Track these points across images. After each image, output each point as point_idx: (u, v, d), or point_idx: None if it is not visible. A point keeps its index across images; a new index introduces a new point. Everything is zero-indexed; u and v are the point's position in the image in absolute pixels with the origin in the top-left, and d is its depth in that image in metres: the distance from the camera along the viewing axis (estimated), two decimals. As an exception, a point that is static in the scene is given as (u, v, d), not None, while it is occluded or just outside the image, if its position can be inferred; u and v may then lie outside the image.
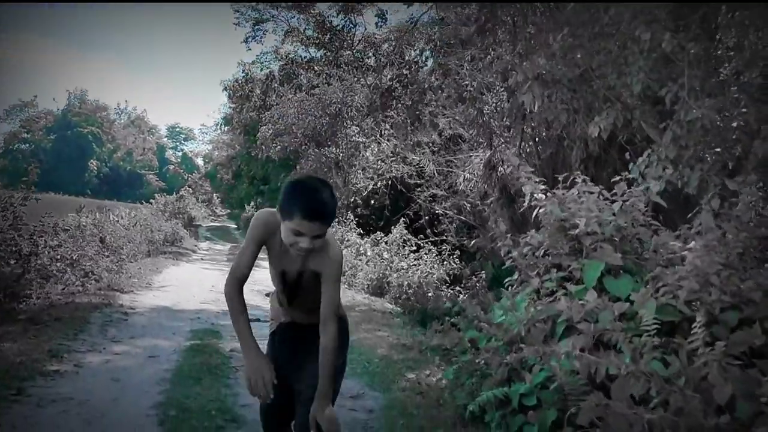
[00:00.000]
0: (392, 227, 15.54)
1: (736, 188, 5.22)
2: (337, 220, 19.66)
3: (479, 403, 4.06)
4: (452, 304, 8.98)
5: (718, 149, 7.94)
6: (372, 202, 19.08)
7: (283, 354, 2.87)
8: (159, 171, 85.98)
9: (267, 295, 2.85)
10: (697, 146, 7.61)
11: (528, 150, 14.41)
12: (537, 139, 14.08)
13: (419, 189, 15.91)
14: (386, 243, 14.63)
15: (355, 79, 21.00)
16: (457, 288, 12.70)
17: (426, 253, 13.59)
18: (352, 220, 17.28)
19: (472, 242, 14.93)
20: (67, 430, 3.96)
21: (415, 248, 14.40)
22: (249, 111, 30.29)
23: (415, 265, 13.17)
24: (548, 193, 5.34)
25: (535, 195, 5.34)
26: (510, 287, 5.65)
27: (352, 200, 20.46)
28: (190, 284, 11.61)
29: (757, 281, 4.30)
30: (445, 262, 13.16)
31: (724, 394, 2.78)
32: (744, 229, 4.72)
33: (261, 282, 12.19)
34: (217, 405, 4.59)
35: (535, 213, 5.33)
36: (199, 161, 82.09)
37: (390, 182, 16.91)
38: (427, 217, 15.89)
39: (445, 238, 15.26)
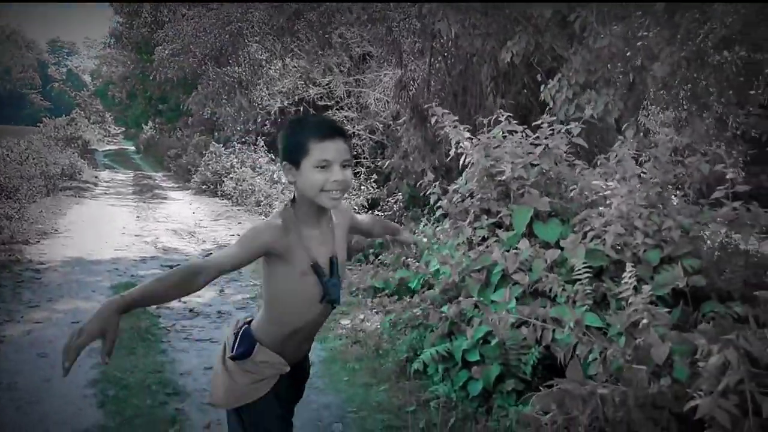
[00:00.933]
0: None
1: (652, 127, 5.41)
2: (246, 142, 19.23)
3: (423, 360, 4.16)
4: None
5: (623, 72, 8.19)
6: (283, 125, 18.71)
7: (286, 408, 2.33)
8: (43, 90, 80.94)
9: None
10: (605, 71, 7.82)
11: (437, 66, 14.38)
12: (446, 54, 14.03)
13: (330, 111, 15.64)
14: (298, 168, 14.44)
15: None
16: (376, 212, 12.77)
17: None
18: (262, 145, 16.91)
19: (386, 163, 14.95)
20: None
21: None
22: (140, 27, 28.68)
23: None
24: (473, 140, 5.35)
25: (461, 143, 5.33)
26: (432, 224, 5.71)
27: (260, 122, 19.97)
28: (100, 226, 11.17)
29: (674, 219, 4.52)
30: (362, 187, 13.14)
31: (661, 354, 2.93)
32: (663, 169, 4.92)
33: (182, 220, 11.94)
34: (157, 378, 4.51)
35: (462, 160, 5.34)
36: (87, 78, 77.80)
37: (300, 105, 16.53)
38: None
39: (359, 160, 15.19)
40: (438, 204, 5.48)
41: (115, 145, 50.24)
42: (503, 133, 5.45)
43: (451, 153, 5.49)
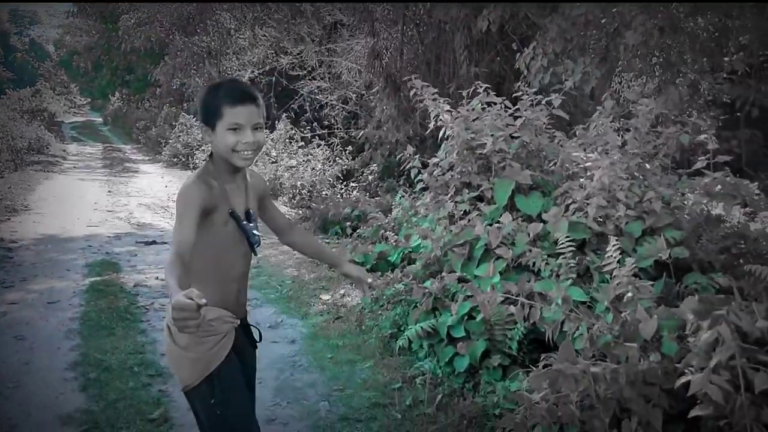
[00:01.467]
0: (276, 123, 15.12)
1: (633, 98, 5.39)
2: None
3: (408, 337, 4.14)
4: (351, 208, 9.03)
5: (597, 40, 8.19)
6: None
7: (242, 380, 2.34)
8: (5, 60, 78.84)
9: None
10: (580, 39, 7.81)
11: (410, 35, 14.25)
12: (419, 23, 13.89)
13: (302, 81, 15.43)
14: (272, 140, 14.26)
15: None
16: (351, 183, 12.70)
17: (316, 148, 13.38)
18: (232, 116, 16.65)
19: (360, 133, 14.84)
20: (-18, 409, 3.74)
21: (302, 144, 14.14)
22: (105, -4, 27.91)
23: (306, 161, 12.98)
24: (453, 113, 5.29)
25: (441, 116, 5.28)
26: (410, 196, 5.67)
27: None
28: (70, 202, 10.97)
29: (656, 191, 4.53)
30: (337, 159, 13.03)
31: (649, 329, 2.94)
32: (643, 140, 4.92)
33: (154, 194, 11.76)
34: (138, 359, 4.44)
35: (441, 133, 5.29)
36: (50, 48, 75.90)
37: (272, 75, 16.28)
38: (313, 111, 15.54)
39: (332, 131, 15.06)
40: (418, 178, 5.42)
41: (81, 116, 49.19)
42: (481, 104, 5.41)
43: (431, 126, 5.43)
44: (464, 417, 3.55)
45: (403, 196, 8.53)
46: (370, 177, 13.06)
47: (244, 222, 2.24)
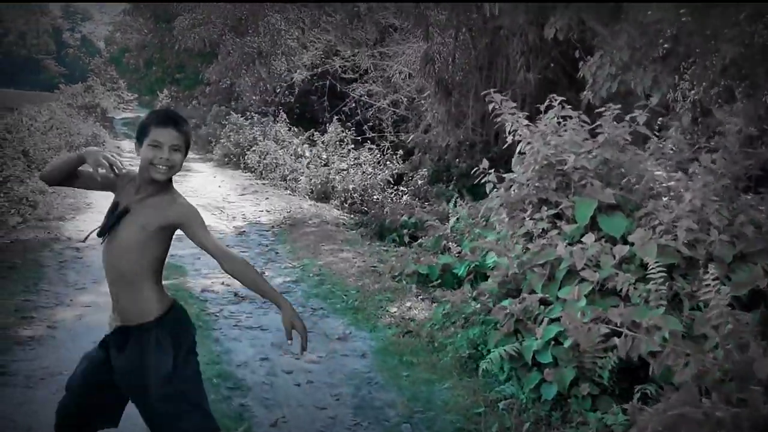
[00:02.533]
0: (327, 125, 15.15)
1: (722, 117, 5.23)
2: (265, 113, 19.08)
3: (490, 360, 4.05)
4: (408, 216, 8.96)
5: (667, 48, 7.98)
6: (305, 98, 18.46)
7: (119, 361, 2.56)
8: (57, 56, 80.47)
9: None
10: (649, 48, 7.62)
11: (462, 39, 14.16)
12: (472, 28, 13.79)
13: (354, 84, 15.44)
14: (323, 143, 14.28)
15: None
16: (401, 188, 12.64)
17: (367, 152, 13.35)
18: (284, 118, 16.72)
19: (410, 138, 14.79)
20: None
21: (353, 146, 14.13)
22: (158, -5, 28.32)
23: (356, 165, 12.96)
24: (531, 128, 5.18)
25: (519, 131, 5.17)
26: (494, 221, 5.57)
27: (279, 92, 19.78)
28: (129, 201, 11.10)
29: (747, 214, 4.36)
30: (387, 162, 12.99)
31: (765, 368, 2.81)
32: (733, 160, 4.75)
33: (209, 194, 11.88)
34: (217, 370, 4.44)
35: (519, 149, 5.19)
36: (101, 44, 77.30)
37: (325, 79, 16.31)
38: (364, 114, 15.53)
39: (383, 134, 15.03)
40: (496, 194, 5.30)
41: (130, 112, 49.87)
42: (557, 118, 5.30)
43: (508, 140, 5.33)
44: (553, 446, 3.46)
45: (460, 204, 8.45)
46: (419, 182, 12.99)
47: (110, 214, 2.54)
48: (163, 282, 4.64)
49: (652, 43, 7.43)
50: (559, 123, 5.27)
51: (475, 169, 5.51)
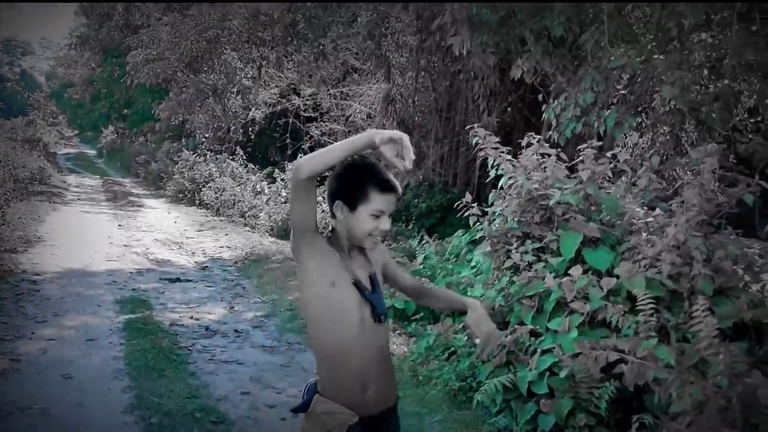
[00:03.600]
0: (286, 163, 15.07)
1: (697, 156, 5.38)
2: (219, 151, 18.87)
3: (485, 391, 4.01)
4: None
5: (626, 92, 8.30)
6: (264, 135, 18.38)
7: None
8: (-4, 89, 78.54)
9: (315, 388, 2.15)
10: (610, 91, 7.90)
11: (422, 81, 14.38)
12: (431, 71, 14.04)
13: (316, 122, 15.44)
14: (282, 180, 14.18)
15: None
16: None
17: (327, 191, 13.30)
18: (241, 155, 16.57)
19: (369, 177, 14.83)
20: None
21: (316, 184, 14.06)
22: (110, 30, 28.05)
23: (316, 203, 12.86)
24: (513, 163, 5.25)
25: (502, 166, 5.23)
26: (476, 254, 5.59)
27: (234, 130, 19.64)
28: (83, 234, 10.79)
29: (725, 249, 4.48)
30: (349, 201, 12.96)
31: (768, 395, 2.85)
32: (708, 197, 4.88)
33: (165, 230, 11.61)
34: (198, 404, 4.27)
35: (501, 184, 5.25)
36: (42, 79, 75.90)
37: (285, 116, 16.29)
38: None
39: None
40: (479, 227, 5.32)
41: (72, 148, 48.79)
42: (536, 155, 5.39)
43: (491, 174, 5.38)
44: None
45: (426, 241, 8.45)
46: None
47: (368, 291, 2.16)
48: (128, 316, 4.59)
49: (614, 87, 7.72)
50: (538, 160, 5.37)
51: (457, 203, 5.52)
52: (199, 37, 19.86)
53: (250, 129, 18.86)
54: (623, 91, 8.33)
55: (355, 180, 2.12)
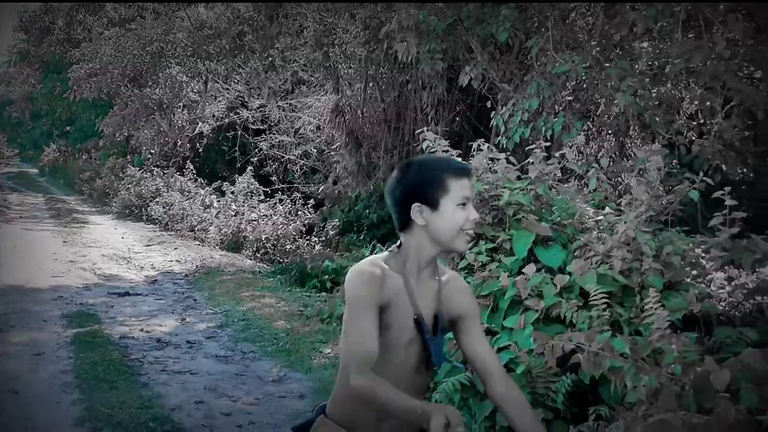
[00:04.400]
0: (236, 176, 14.95)
1: (643, 156, 5.52)
2: (165, 167, 18.56)
3: (443, 390, 4.01)
4: (329, 261, 8.90)
5: (572, 99, 8.51)
6: (212, 149, 18.18)
7: None
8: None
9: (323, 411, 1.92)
10: (556, 97, 8.10)
11: (371, 92, 14.44)
12: (379, 82, 14.11)
13: (263, 135, 15.34)
14: (232, 193, 14.05)
15: (173, 11, 19.67)
16: (313, 238, 12.57)
17: (278, 203, 13.23)
18: (191, 169, 16.35)
19: (320, 189, 14.81)
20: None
21: (263, 197, 13.99)
22: (51, 45, 27.46)
23: (266, 216, 12.80)
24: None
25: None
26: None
27: (181, 144, 19.39)
28: (26, 252, 10.46)
29: (673, 245, 4.59)
30: (299, 212, 12.92)
31: (722, 380, 2.91)
32: (654, 194, 5.02)
33: (113, 245, 11.36)
34: (150, 414, 4.16)
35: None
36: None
37: (231, 129, 16.13)
38: (274, 165, 15.43)
39: (294, 185, 14.97)
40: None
41: (14, 167, 47.35)
42: (486, 159, 5.46)
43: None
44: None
45: (381, 249, 8.47)
46: (331, 232, 12.98)
47: (429, 335, 1.82)
48: (77, 330, 4.37)
49: (560, 93, 7.90)
50: (487, 164, 5.44)
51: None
52: (143, 51, 19.64)
53: (197, 143, 18.64)
54: (569, 98, 8.54)
55: (428, 174, 1.81)
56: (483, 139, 5.72)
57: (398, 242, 1.88)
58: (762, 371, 2.95)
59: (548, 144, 5.99)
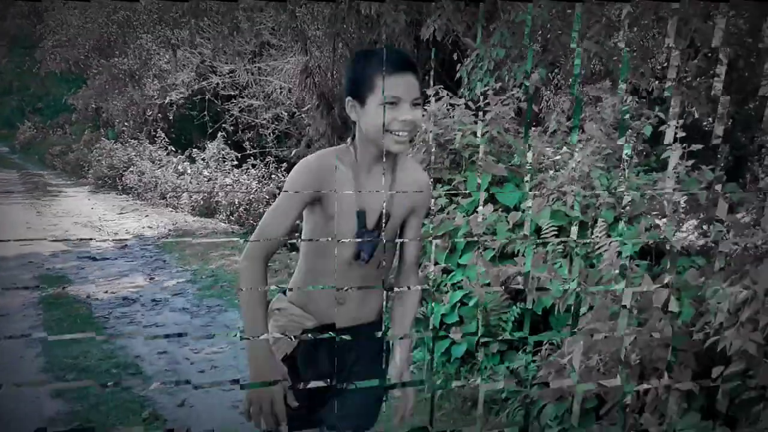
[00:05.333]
0: (207, 142, 14.87)
1: (597, 94, 5.57)
2: (139, 139, 18.38)
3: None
4: (301, 221, 8.93)
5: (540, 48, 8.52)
6: (186, 118, 17.99)
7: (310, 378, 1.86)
8: None
9: (284, 292, 1.96)
10: (521, 46, 8.10)
11: (341, 52, 14.33)
12: (348, 41, 14.00)
13: (234, 100, 15.21)
14: (203, 159, 13.99)
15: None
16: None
17: (251, 167, 13.20)
18: (163, 138, 16.23)
19: (293, 152, 14.76)
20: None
21: (237, 163, 13.95)
22: (15, 18, 26.92)
23: (239, 181, 12.77)
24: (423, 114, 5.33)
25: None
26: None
27: (151, 114, 19.18)
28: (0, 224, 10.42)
29: (627, 180, 4.68)
30: (273, 176, 12.90)
31: (662, 297, 3.00)
32: (608, 131, 5.09)
33: (86, 215, 11.30)
34: (113, 362, 4.22)
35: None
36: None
37: (202, 95, 15.98)
38: (246, 131, 15.34)
39: (266, 149, 14.91)
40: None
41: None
42: (446, 105, 5.50)
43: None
44: (467, 400, 3.52)
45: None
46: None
47: (364, 229, 1.80)
48: (46, 292, 4.31)
49: (528, 43, 7.89)
50: (448, 110, 5.48)
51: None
52: (108, 20, 19.29)
53: (168, 112, 18.46)
54: (540, 48, 8.54)
55: (359, 68, 1.73)
56: (441, 86, 5.73)
57: (352, 136, 1.84)
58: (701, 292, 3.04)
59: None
